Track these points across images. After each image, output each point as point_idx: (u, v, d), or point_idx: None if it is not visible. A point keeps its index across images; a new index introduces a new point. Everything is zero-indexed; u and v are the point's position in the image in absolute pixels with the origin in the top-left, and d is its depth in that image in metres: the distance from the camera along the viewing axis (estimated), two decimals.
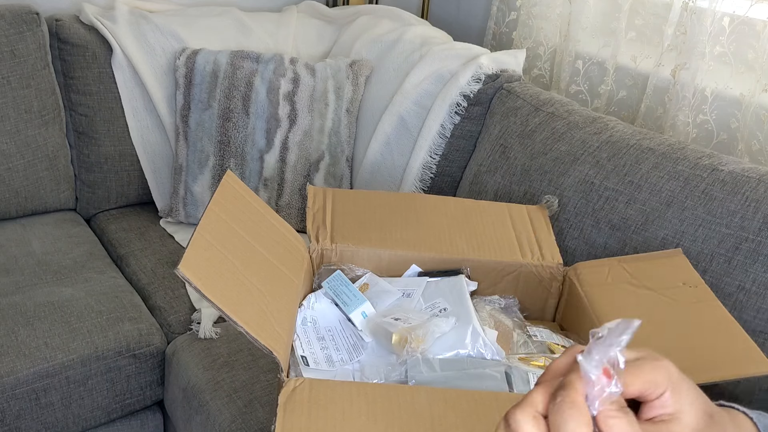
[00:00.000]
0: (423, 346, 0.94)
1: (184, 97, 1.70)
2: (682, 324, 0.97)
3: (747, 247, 1.14)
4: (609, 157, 1.33)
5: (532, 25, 1.85)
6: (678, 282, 1.05)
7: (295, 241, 1.09)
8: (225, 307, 0.81)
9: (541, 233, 1.21)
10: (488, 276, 1.15)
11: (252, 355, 1.32)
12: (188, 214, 1.74)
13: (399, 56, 1.75)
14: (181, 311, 1.47)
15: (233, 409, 1.22)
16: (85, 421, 1.36)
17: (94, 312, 1.38)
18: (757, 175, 1.20)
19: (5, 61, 1.58)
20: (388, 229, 1.18)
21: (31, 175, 1.66)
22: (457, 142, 1.64)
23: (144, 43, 1.74)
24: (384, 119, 1.69)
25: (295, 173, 1.72)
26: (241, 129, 1.68)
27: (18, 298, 1.39)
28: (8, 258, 1.52)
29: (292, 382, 0.82)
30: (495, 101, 1.61)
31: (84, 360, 1.31)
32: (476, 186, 1.53)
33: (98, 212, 1.82)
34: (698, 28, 1.44)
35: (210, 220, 0.93)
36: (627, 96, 1.67)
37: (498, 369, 0.93)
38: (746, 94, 1.42)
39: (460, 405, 0.81)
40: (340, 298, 1.05)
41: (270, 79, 1.69)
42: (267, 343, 0.82)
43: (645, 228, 1.24)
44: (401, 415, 0.79)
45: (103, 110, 1.73)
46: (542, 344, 1.05)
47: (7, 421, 1.26)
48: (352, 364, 0.97)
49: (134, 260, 1.63)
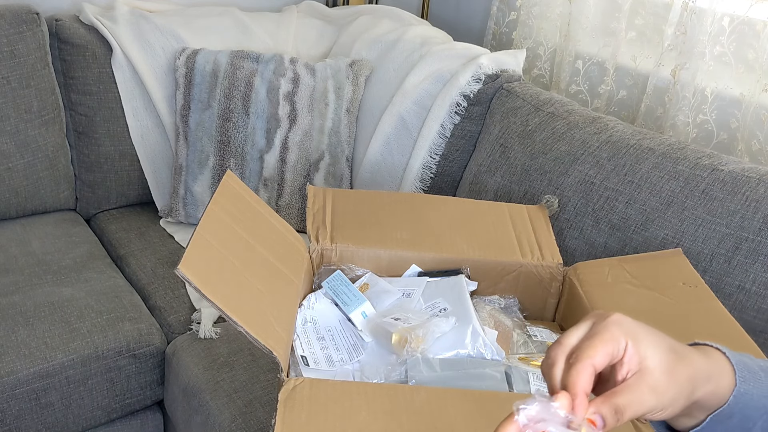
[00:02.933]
0: (423, 346, 0.94)
1: (184, 97, 1.71)
2: (682, 324, 0.97)
3: (747, 247, 1.14)
4: (609, 157, 1.33)
5: (532, 25, 1.85)
6: (678, 282, 1.05)
7: (295, 241, 1.09)
8: (225, 307, 0.81)
9: (541, 233, 1.21)
10: (488, 276, 1.15)
11: (252, 355, 1.32)
12: (188, 214, 1.74)
13: (399, 56, 1.75)
14: (181, 311, 1.47)
15: (233, 409, 1.22)
16: (85, 421, 1.36)
17: (94, 312, 1.38)
18: (757, 175, 1.20)
19: (5, 61, 1.58)
20: (388, 229, 1.18)
21: (31, 175, 1.66)
22: (457, 142, 1.64)
23: (144, 43, 1.74)
24: (384, 119, 1.69)
25: (295, 173, 1.72)
26: (241, 129, 1.68)
27: (18, 298, 1.39)
28: (8, 258, 1.52)
29: (292, 381, 0.82)
30: (495, 101, 1.61)
31: (84, 360, 1.31)
32: (476, 186, 1.53)
33: (98, 212, 1.82)
34: (698, 28, 1.44)
35: (210, 220, 0.93)
36: (627, 96, 1.67)
37: (498, 369, 0.93)
38: (746, 94, 1.42)
39: (460, 405, 0.81)
40: (340, 298, 1.05)
41: (270, 79, 1.69)
42: (267, 343, 0.82)
43: (645, 228, 1.24)
44: (401, 414, 0.79)
45: (103, 110, 1.73)
46: (542, 344, 1.05)
47: (7, 421, 1.26)
48: (352, 364, 0.97)
49: (134, 260, 1.63)
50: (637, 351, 0.51)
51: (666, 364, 0.51)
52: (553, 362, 0.52)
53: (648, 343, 0.51)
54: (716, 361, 0.55)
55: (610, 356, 0.50)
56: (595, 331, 0.51)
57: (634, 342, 0.51)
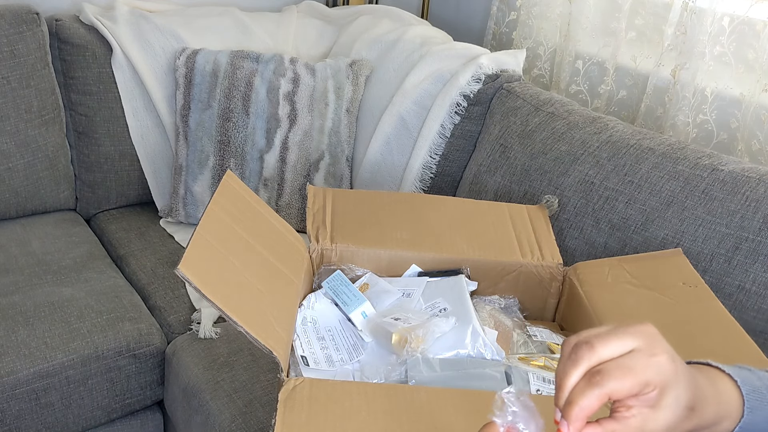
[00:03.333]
0: (423, 346, 0.94)
1: (184, 97, 1.71)
2: (682, 324, 0.97)
3: (747, 247, 1.14)
4: (609, 157, 1.33)
5: (532, 25, 1.85)
6: (678, 282, 1.05)
7: (295, 241, 1.09)
8: (225, 307, 0.81)
9: (541, 233, 1.21)
10: (488, 276, 1.15)
11: (252, 355, 1.32)
12: (188, 214, 1.74)
13: (399, 56, 1.75)
14: (181, 311, 1.47)
15: (233, 409, 1.22)
16: (85, 421, 1.36)
17: (94, 312, 1.38)
18: (757, 175, 1.20)
19: (5, 61, 1.58)
20: (388, 229, 1.18)
21: (31, 175, 1.66)
22: (457, 142, 1.64)
23: (144, 43, 1.74)
24: (384, 119, 1.69)
25: (295, 173, 1.72)
26: (241, 129, 1.68)
27: (18, 298, 1.39)
28: (8, 258, 1.52)
29: (292, 381, 0.82)
30: (495, 101, 1.61)
31: (84, 360, 1.31)
32: (476, 186, 1.53)
33: (98, 212, 1.82)
34: (698, 28, 1.44)
35: (210, 220, 0.93)
36: (627, 96, 1.67)
37: (498, 369, 0.93)
38: (746, 94, 1.42)
39: (460, 405, 0.81)
40: (340, 298, 1.05)
41: (270, 79, 1.69)
42: (267, 342, 0.82)
43: (645, 228, 1.24)
44: (401, 414, 0.79)
45: (103, 110, 1.73)
46: (542, 344, 1.05)
47: (7, 421, 1.26)
48: (352, 364, 0.97)
49: (134, 260, 1.63)
50: (657, 402, 0.49)
51: (674, 422, 0.50)
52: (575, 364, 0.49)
53: (671, 399, 0.49)
54: (726, 402, 0.54)
55: (631, 394, 0.48)
56: (634, 365, 0.48)
57: (660, 392, 0.49)
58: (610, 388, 0.47)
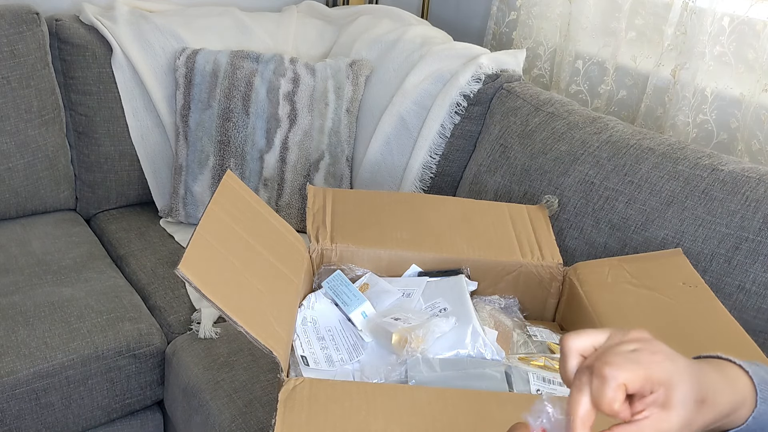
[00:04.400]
0: (423, 346, 0.94)
1: (184, 97, 1.71)
2: (682, 324, 0.97)
3: (747, 247, 1.14)
4: (609, 157, 1.33)
5: (532, 25, 1.85)
6: (678, 282, 1.05)
7: (295, 241, 1.09)
8: (225, 307, 0.81)
9: (541, 233, 1.21)
10: (488, 276, 1.15)
11: (252, 355, 1.32)
12: (188, 214, 1.74)
13: (399, 56, 1.75)
14: (181, 311, 1.47)
15: (233, 409, 1.22)
16: (85, 421, 1.36)
17: (94, 312, 1.38)
18: (757, 175, 1.20)
19: (5, 61, 1.58)
20: (388, 229, 1.18)
21: (31, 175, 1.66)
22: (457, 142, 1.64)
23: (144, 43, 1.74)
24: (384, 119, 1.69)
25: (295, 173, 1.72)
26: (241, 129, 1.68)
27: (18, 298, 1.39)
28: (8, 258, 1.52)
29: (292, 381, 0.82)
30: (495, 101, 1.61)
31: (84, 360, 1.31)
32: (476, 186, 1.53)
33: (98, 212, 1.82)
34: (698, 28, 1.44)
35: (210, 220, 0.93)
36: (627, 96, 1.67)
37: (498, 369, 0.93)
38: (746, 94, 1.42)
39: (459, 405, 0.81)
40: (340, 298, 1.05)
41: (270, 79, 1.69)
42: (267, 342, 0.82)
43: (645, 228, 1.24)
44: (401, 414, 0.79)
45: (103, 110, 1.73)
46: (542, 344, 1.05)
47: (7, 421, 1.26)
48: (352, 364, 0.97)
49: (134, 260, 1.63)
50: (666, 401, 0.49)
51: (687, 418, 0.50)
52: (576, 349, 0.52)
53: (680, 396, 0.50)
54: (740, 391, 0.54)
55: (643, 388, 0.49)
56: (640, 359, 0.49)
57: (668, 391, 0.49)
58: (624, 378, 0.48)
